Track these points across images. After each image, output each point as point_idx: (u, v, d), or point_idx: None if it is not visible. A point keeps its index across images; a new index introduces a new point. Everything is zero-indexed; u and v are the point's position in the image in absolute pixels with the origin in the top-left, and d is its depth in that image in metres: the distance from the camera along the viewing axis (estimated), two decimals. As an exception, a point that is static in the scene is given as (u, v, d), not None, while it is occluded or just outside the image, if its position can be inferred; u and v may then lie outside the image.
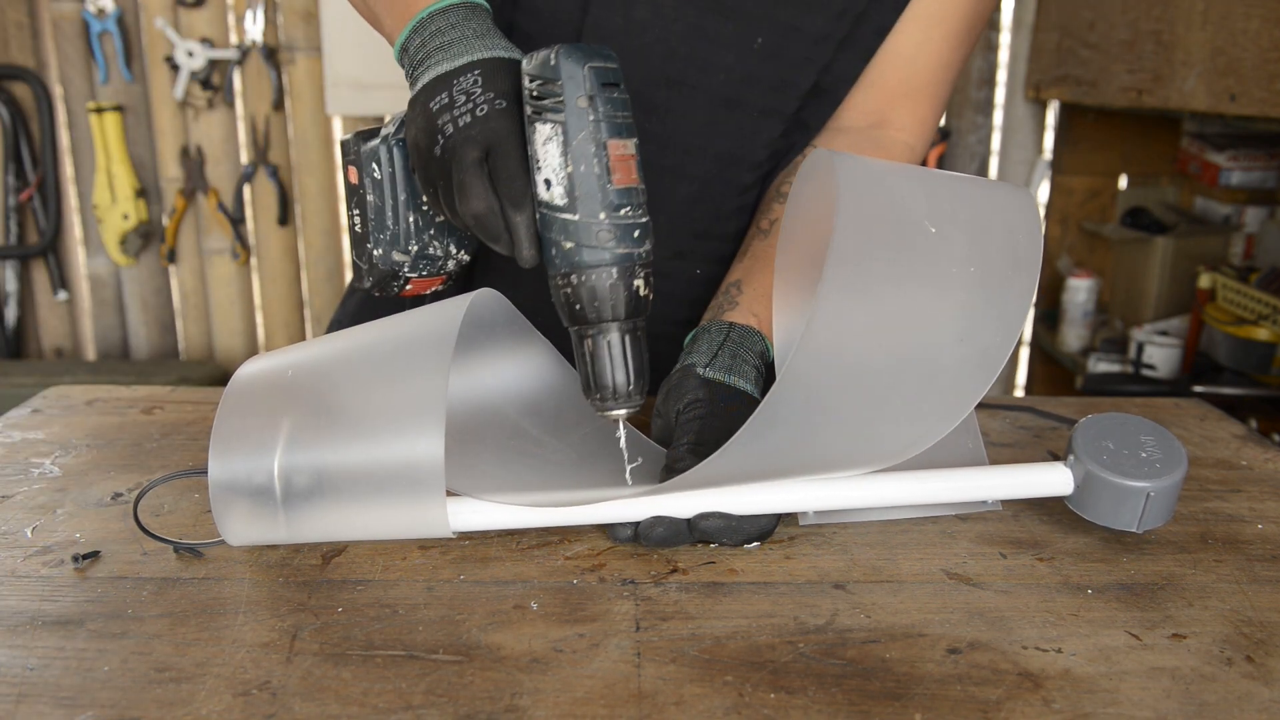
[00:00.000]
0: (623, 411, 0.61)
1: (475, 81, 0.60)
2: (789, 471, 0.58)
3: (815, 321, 0.53)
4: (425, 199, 0.67)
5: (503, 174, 0.59)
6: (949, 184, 0.62)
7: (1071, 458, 0.60)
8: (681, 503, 0.58)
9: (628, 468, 0.62)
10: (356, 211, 0.69)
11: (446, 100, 0.60)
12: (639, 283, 0.59)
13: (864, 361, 0.56)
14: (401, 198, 0.68)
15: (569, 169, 0.57)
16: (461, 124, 0.59)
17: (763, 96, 0.78)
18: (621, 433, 0.62)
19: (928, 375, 0.58)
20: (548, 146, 0.58)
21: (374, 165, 0.67)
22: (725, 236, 0.83)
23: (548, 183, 0.58)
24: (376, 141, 0.67)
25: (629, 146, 0.59)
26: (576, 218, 0.58)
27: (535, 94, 0.58)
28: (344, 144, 0.69)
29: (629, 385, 0.60)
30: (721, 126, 0.79)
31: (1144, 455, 0.59)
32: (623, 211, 0.58)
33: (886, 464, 0.59)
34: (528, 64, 0.59)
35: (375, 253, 0.68)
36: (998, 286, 0.59)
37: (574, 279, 0.58)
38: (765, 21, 0.76)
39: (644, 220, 0.59)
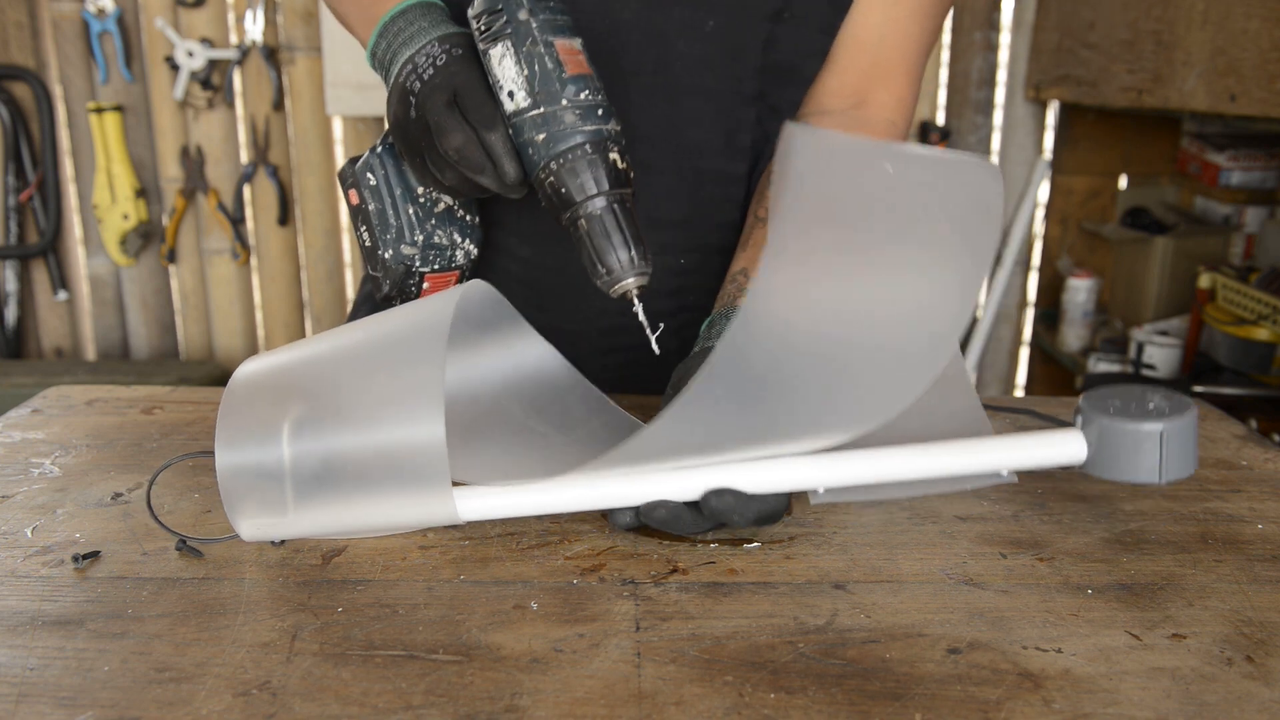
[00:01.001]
0: (631, 281, 0.63)
1: (432, 46, 0.67)
2: (764, 433, 0.56)
3: (768, 266, 0.51)
4: (415, 175, 0.71)
5: (470, 105, 0.64)
6: (908, 147, 0.60)
7: (1080, 419, 0.60)
8: (689, 482, 0.57)
9: (652, 339, 0.65)
10: (363, 226, 0.73)
11: (411, 68, 0.67)
12: (614, 156, 0.63)
13: (824, 311, 0.54)
14: (398, 192, 0.73)
15: (525, 72, 0.63)
16: (426, 77, 0.66)
17: (719, 80, 0.78)
18: (638, 306, 0.64)
19: (894, 326, 0.56)
20: (503, 64, 0.64)
21: (368, 175, 0.73)
22: (710, 226, 0.83)
23: (510, 94, 0.64)
24: (366, 155, 0.73)
25: (575, 44, 0.65)
26: (541, 110, 0.63)
27: (483, 29, 0.65)
28: (340, 174, 0.75)
29: (630, 252, 0.63)
30: (684, 115, 0.79)
31: (1151, 407, 0.59)
32: (582, 95, 0.63)
33: (867, 426, 0.57)
34: (472, 10, 0.66)
35: (385, 255, 0.72)
36: (962, 226, 0.56)
37: (553, 166, 0.63)
38: (716, 4, 0.76)
39: (605, 102, 0.64)
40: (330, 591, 0.55)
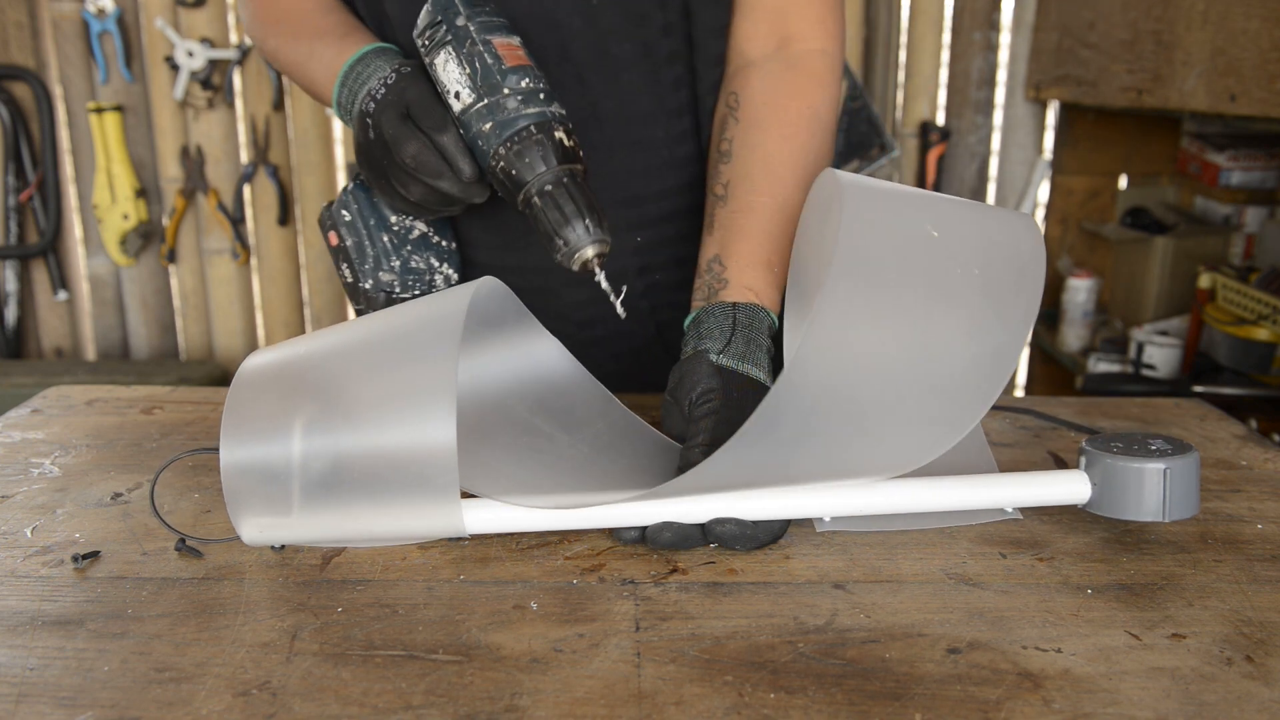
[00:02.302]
0: (590, 250, 0.63)
1: (384, 70, 0.70)
2: (791, 478, 0.58)
3: (816, 326, 0.53)
4: (385, 201, 0.74)
5: (421, 113, 0.67)
6: (951, 203, 0.62)
7: (1084, 460, 0.60)
8: (694, 507, 0.58)
9: (616, 302, 0.66)
10: (344, 263, 0.76)
11: (367, 94, 0.70)
12: (560, 135, 0.65)
13: (866, 370, 0.56)
14: (372, 223, 0.75)
15: (467, 71, 0.65)
16: (379, 97, 0.69)
17: (626, 50, 0.77)
18: (600, 275, 0.65)
19: (933, 385, 0.57)
20: (447, 68, 0.66)
21: (343, 213, 0.75)
22: (658, 195, 0.82)
23: (457, 95, 0.66)
24: (340, 195, 0.76)
25: (513, 40, 0.67)
26: (485, 102, 0.65)
27: (426, 42, 0.67)
28: (319, 220, 0.77)
29: (585, 222, 0.63)
30: (599, 90, 0.78)
31: (1154, 448, 0.59)
32: (523, 83, 0.65)
33: (890, 474, 0.59)
34: (415, 30, 0.68)
35: (366, 286, 0.75)
36: (1002, 291, 0.58)
37: (502, 151, 0.64)
38: None
39: (547, 87, 0.66)
40: (330, 591, 0.55)
